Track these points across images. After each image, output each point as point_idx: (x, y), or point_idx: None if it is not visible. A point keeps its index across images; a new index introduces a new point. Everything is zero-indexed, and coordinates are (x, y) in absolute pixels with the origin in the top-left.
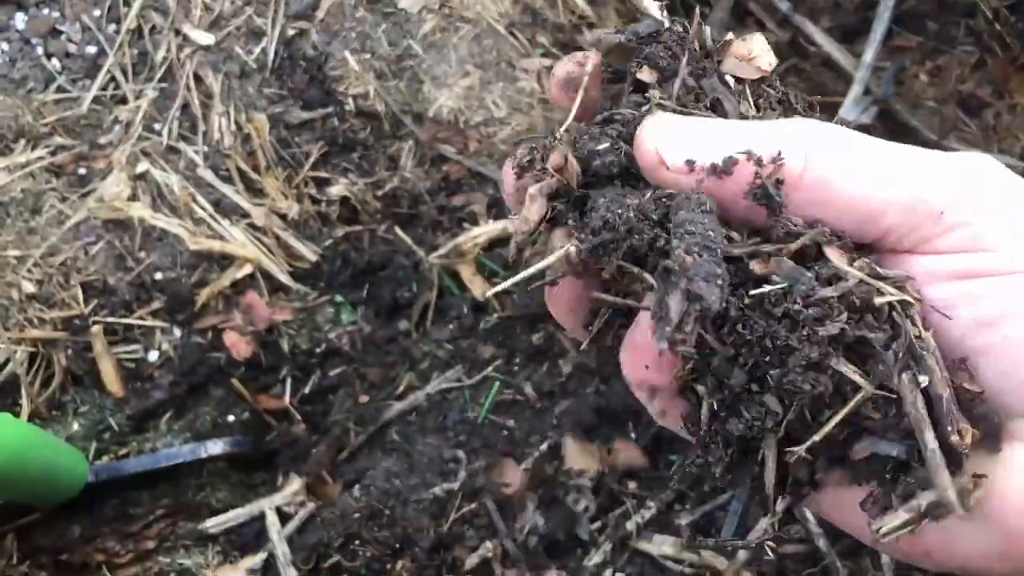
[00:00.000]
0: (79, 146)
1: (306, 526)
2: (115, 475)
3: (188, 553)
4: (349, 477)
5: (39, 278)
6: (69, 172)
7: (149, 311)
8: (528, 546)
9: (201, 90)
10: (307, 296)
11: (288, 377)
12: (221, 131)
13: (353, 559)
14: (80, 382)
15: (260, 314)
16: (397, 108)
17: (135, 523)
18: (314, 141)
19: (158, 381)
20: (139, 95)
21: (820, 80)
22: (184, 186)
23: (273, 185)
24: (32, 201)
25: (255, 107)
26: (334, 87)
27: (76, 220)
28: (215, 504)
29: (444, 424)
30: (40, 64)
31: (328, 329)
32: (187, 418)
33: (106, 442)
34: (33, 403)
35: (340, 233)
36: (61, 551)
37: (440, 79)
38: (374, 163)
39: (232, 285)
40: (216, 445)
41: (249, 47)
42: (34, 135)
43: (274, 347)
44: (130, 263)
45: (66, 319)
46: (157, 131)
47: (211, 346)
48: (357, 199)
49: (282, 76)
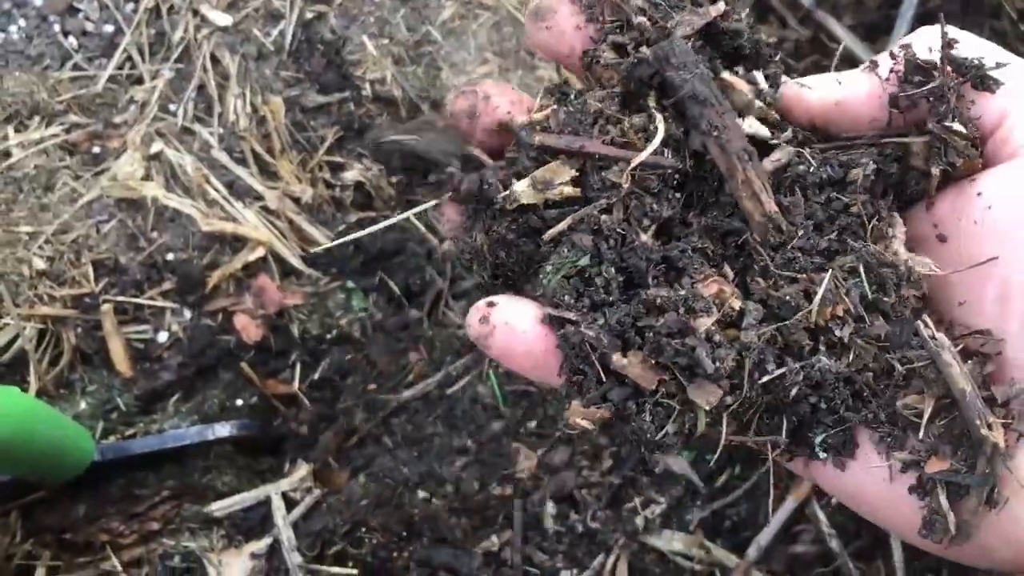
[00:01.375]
0: (94, 124)
1: (312, 512)
2: (121, 455)
3: (193, 536)
4: (357, 464)
5: (50, 255)
6: (83, 150)
7: (160, 291)
8: (538, 537)
9: (217, 71)
10: (319, 281)
11: (298, 362)
12: (236, 113)
13: (359, 546)
14: (89, 361)
15: (271, 298)
16: (414, 94)
17: (140, 504)
18: (330, 125)
19: (167, 362)
20: (155, 75)
21: None
22: (198, 167)
23: (287, 168)
24: (45, 178)
25: (271, 90)
26: (351, 71)
27: (89, 198)
28: (221, 487)
29: (454, 412)
30: (57, 41)
31: (339, 315)
32: (195, 400)
33: (113, 422)
34: (41, 380)
35: (353, 218)
36: (65, 530)
37: (458, 66)
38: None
39: (244, 268)
40: (223, 428)
41: (267, 29)
42: (49, 112)
43: (284, 332)
44: (142, 243)
45: (76, 297)
46: (172, 112)
47: (221, 329)
48: (371, 185)
49: (299, 59)
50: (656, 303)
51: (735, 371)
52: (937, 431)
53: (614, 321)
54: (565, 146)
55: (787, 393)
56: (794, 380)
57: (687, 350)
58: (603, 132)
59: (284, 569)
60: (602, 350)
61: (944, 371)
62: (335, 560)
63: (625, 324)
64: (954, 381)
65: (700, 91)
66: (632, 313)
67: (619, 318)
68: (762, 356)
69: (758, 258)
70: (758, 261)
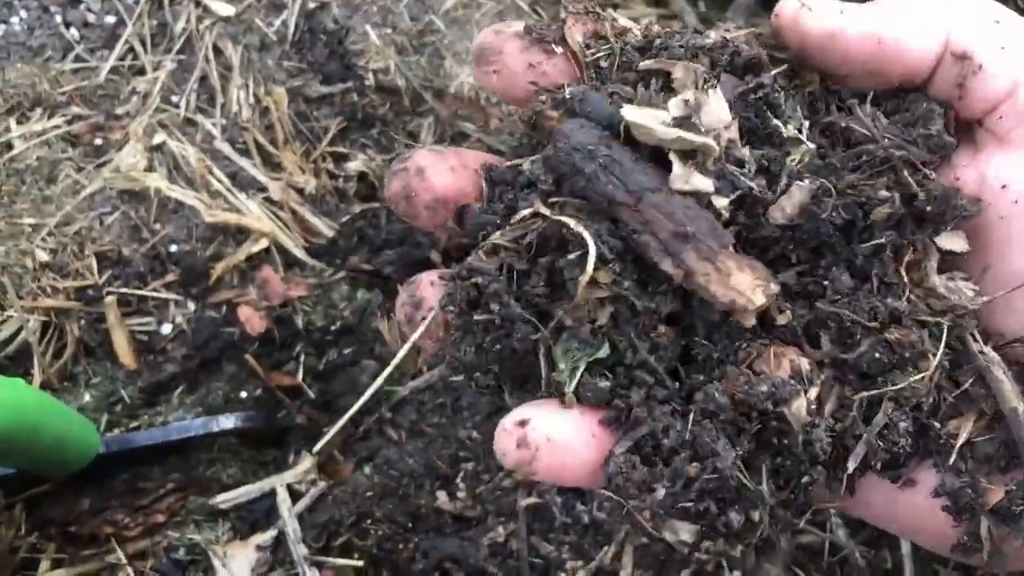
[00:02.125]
0: (96, 116)
1: (317, 504)
2: (126, 447)
3: (198, 528)
4: (362, 455)
5: (53, 247)
6: (85, 142)
7: (163, 283)
8: (544, 528)
9: (220, 62)
10: (323, 272)
11: (302, 354)
12: (239, 104)
13: (364, 538)
14: (92, 353)
15: (275, 289)
16: (418, 84)
17: (145, 496)
18: (333, 116)
19: (171, 354)
20: (157, 66)
21: None
22: (201, 158)
23: (291, 159)
24: (48, 170)
25: (274, 80)
26: (354, 61)
27: (92, 190)
28: (226, 480)
29: (459, 403)
30: (58, 33)
31: (343, 306)
32: (199, 392)
33: (117, 414)
34: (45, 373)
35: (357, 209)
36: (70, 523)
37: (462, 55)
38: (393, 139)
39: (247, 259)
40: (228, 420)
41: (269, 19)
42: (51, 104)
43: (288, 323)
44: (145, 234)
45: (80, 289)
46: (175, 103)
47: (225, 320)
48: (375, 175)
49: (302, 49)
50: (742, 389)
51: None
52: (983, 453)
53: (708, 417)
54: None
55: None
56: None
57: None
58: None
59: (290, 561)
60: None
61: (995, 387)
62: (341, 552)
63: (722, 417)
64: (1005, 399)
65: (603, 190)
66: (713, 405)
67: (703, 411)
68: (856, 426)
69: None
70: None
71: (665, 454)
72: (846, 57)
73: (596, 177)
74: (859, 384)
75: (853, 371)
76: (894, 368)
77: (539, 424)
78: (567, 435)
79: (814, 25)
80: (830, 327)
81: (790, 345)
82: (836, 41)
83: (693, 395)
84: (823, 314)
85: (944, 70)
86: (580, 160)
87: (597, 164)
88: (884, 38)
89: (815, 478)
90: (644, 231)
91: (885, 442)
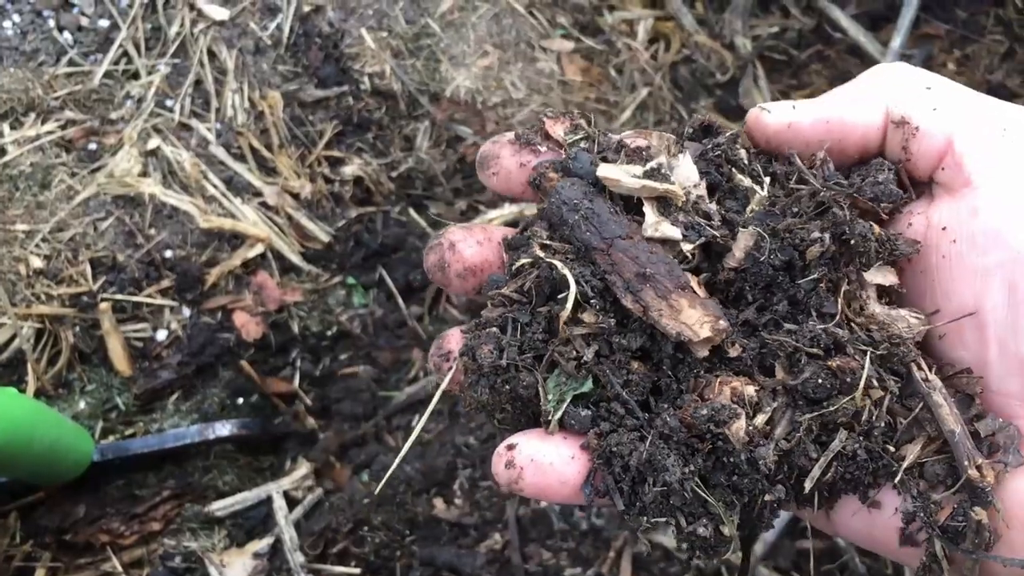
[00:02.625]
0: (90, 121)
1: (314, 511)
2: (121, 455)
3: (194, 536)
4: (358, 462)
5: (47, 253)
6: (79, 147)
7: (158, 289)
8: (543, 535)
9: (214, 66)
10: (318, 277)
11: (298, 360)
12: (234, 108)
13: (361, 545)
14: (87, 360)
15: (271, 295)
16: (413, 87)
17: (141, 504)
18: (328, 120)
19: (166, 361)
20: (151, 70)
21: (845, 67)
22: (195, 163)
23: (286, 164)
24: (41, 175)
25: (269, 84)
26: (350, 65)
27: (85, 195)
28: (222, 487)
29: (456, 410)
30: (51, 37)
31: (339, 312)
32: (195, 399)
33: (112, 421)
34: (39, 380)
35: (353, 214)
36: (65, 531)
37: (458, 59)
38: (389, 143)
39: (243, 265)
40: (224, 427)
41: (264, 23)
42: (44, 109)
43: (284, 329)
44: (139, 240)
45: (74, 295)
46: (169, 107)
47: (220, 326)
48: (371, 180)
49: (297, 53)
50: (691, 417)
51: (777, 465)
52: (933, 474)
53: (664, 439)
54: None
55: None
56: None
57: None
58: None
59: (286, 568)
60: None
61: (935, 411)
62: (338, 559)
63: (675, 439)
64: (944, 421)
65: (582, 237)
66: (667, 429)
67: (661, 434)
68: (804, 447)
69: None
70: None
71: (632, 473)
72: (806, 142)
73: (578, 226)
74: (807, 409)
75: (803, 397)
76: (840, 393)
77: (524, 448)
78: (550, 457)
79: (772, 122)
80: (780, 356)
81: (742, 375)
82: (793, 131)
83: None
84: (771, 344)
85: (891, 137)
86: (566, 212)
87: (580, 215)
88: (831, 119)
89: (777, 496)
90: (612, 272)
91: (842, 464)
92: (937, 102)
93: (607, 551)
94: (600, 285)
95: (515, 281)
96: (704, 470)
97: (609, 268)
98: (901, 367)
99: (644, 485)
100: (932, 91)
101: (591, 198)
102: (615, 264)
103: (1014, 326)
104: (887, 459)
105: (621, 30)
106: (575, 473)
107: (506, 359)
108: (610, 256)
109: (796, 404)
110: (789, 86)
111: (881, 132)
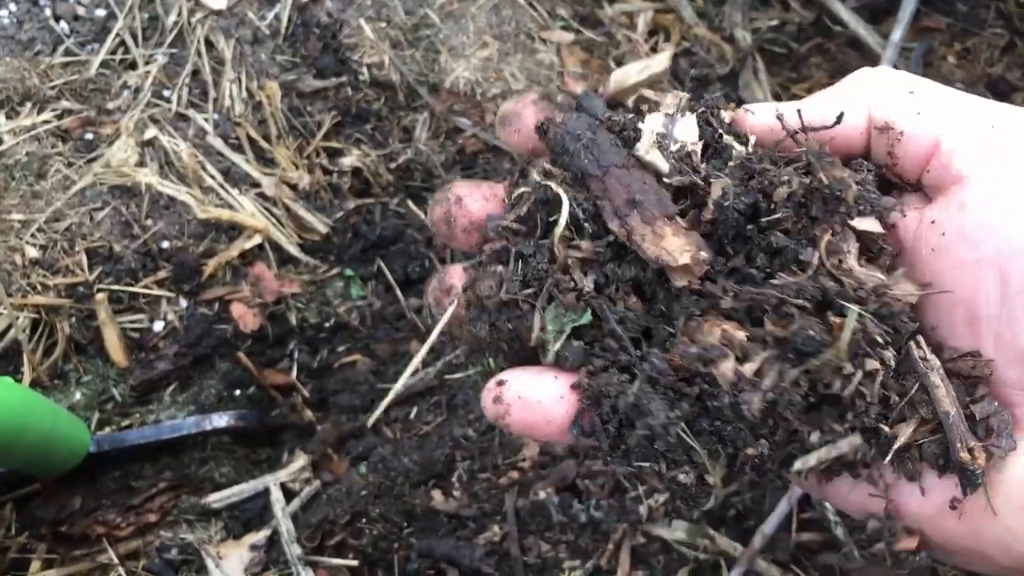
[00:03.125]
0: (86, 110)
1: (311, 503)
2: (117, 446)
3: (190, 528)
4: (356, 454)
5: (43, 243)
6: (76, 137)
7: (155, 280)
8: (541, 527)
9: (212, 56)
10: (316, 269)
11: (296, 351)
12: (232, 98)
13: (359, 537)
14: (83, 351)
15: (268, 286)
16: (412, 78)
17: (137, 496)
18: (327, 110)
19: (163, 352)
20: (149, 60)
21: (845, 60)
22: (193, 154)
23: (284, 155)
24: (37, 165)
25: (267, 74)
26: (348, 55)
27: (82, 185)
28: (219, 479)
29: (454, 401)
30: (48, 26)
31: (337, 303)
32: (192, 390)
33: (109, 412)
34: (35, 371)
35: (351, 205)
36: (61, 523)
37: (457, 49)
38: (388, 134)
39: (240, 256)
40: (221, 418)
41: (262, 12)
42: (40, 98)
43: (282, 320)
44: (136, 230)
45: (70, 286)
46: (166, 97)
47: (218, 317)
48: (370, 171)
49: (295, 43)
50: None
51: (763, 415)
52: (930, 455)
53: (651, 383)
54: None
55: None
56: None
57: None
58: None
59: (283, 561)
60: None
61: (931, 392)
62: (335, 551)
63: (662, 382)
64: (939, 403)
65: (580, 164)
66: (655, 372)
67: (649, 377)
68: (790, 396)
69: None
70: (684, 308)
71: (619, 415)
72: (788, 145)
73: (578, 154)
74: (797, 361)
75: (792, 349)
76: (828, 347)
77: (513, 384)
78: (538, 395)
79: (756, 123)
80: (767, 310)
81: (731, 320)
82: (775, 134)
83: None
84: (756, 296)
85: (875, 142)
86: (569, 141)
87: (580, 144)
88: (812, 124)
89: (760, 451)
90: (604, 197)
91: (832, 437)
92: (921, 106)
93: (606, 543)
94: (593, 210)
95: (515, 211)
96: (690, 415)
97: (601, 193)
98: (896, 331)
99: (630, 428)
100: (915, 95)
101: (595, 131)
102: (607, 190)
103: (1009, 318)
104: (882, 437)
105: (621, 22)
106: (563, 413)
107: (506, 293)
108: (604, 183)
109: (786, 357)
110: (789, 79)
111: (864, 137)
